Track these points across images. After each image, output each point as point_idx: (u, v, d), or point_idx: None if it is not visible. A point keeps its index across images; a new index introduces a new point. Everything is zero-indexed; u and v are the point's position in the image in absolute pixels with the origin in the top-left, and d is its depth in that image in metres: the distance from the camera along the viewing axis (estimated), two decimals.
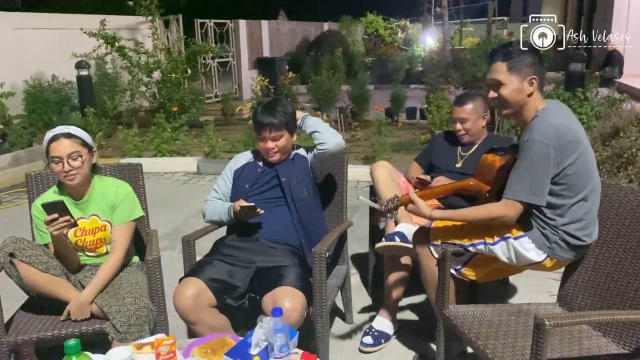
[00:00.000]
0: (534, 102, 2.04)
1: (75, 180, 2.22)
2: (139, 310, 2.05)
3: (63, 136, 2.20)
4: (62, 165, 2.18)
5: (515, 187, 1.96)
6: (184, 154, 6.40)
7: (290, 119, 2.44)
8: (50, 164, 2.21)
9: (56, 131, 2.23)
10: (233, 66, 12.96)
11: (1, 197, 5.35)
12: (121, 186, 2.37)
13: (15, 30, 7.87)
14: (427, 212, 2.11)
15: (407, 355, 2.51)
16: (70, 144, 2.20)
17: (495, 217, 2.01)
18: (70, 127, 2.26)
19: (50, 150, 2.20)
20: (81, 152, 2.21)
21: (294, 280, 2.15)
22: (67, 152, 2.18)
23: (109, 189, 2.33)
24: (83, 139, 2.25)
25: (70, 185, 2.24)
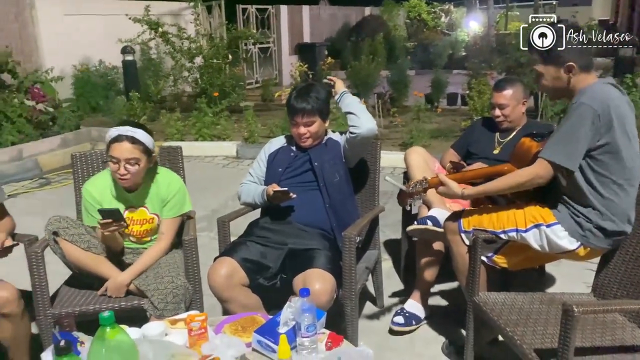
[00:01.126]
0: (581, 83, 2.00)
1: (127, 183, 2.25)
2: (176, 289, 2.13)
3: (127, 139, 2.18)
4: (118, 167, 2.19)
5: (552, 148, 1.93)
6: (224, 138, 6.52)
7: (323, 105, 2.46)
8: (108, 161, 2.22)
9: (122, 131, 2.20)
10: (274, 52, 13.02)
11: (50, 177, 5.59)
12: (174, 181, 2.38)
13: (65, 17, 8.13)
14: (459, 191, 2.09)
15: (436, 340, 2.51)
16: (132, 150, 2.18)
17: (527, 180, 1.98)
18: (137, 131, 2.21)
19: (111, 149, 2.20)
20: (140, 160, 2.21)
21: (325, 263, 2.19)
22: (127, 157, 2.18)
23: (162, 183, 2.35)
24: (146, 145, 2.22)
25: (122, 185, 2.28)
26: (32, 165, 5.74)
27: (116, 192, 2.32)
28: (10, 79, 6.33)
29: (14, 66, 6.26)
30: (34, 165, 5.74)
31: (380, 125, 6.70)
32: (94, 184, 2.33)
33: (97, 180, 2.36)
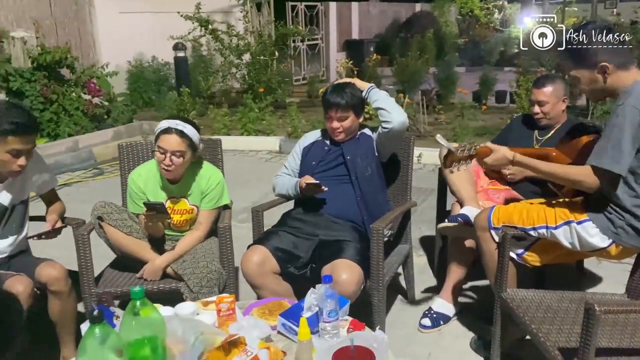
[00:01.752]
0: (621, 81, 1.95)
1: (171, 175, 2.37)
2: (211, 273, 2.23)
3: (176, 132, 2.30)
4: (164, 158, 2.31)
5: (599, 154, 1.89)
6: (268, 133, 6.65)
7: (357, 101, 2.51)
8: (155, 151, 2.34)
9: (172, 124, 2.32)
10: (322, 48, 13.10)
11: (104, 168, 5.88)
12: (214, 174, 2.48)
13: (120, 14, 8.47)
14: (510, 155, 2.05)
15: (465, 336, 2.52)
16: (179, 142, 2.30)
17: (575, 181, 1.95)
18: (186, 126, 2.33)
19: (160, 140, 2.32)
20: (185, 153, 2.32)
21: (353, 254, 2.24)
22: (173, 149, 2.30)
23: (203, 177, 2.46)
24: (193, 140, 2.33)
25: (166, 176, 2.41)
26: (87, 155, 6.04)
27: (160, 182, 2.45)
28: (69, 74, 6.66)
29: (73, 62, 6.58)
30: (88, 156, 6.05)
31: (424, 122, 6.67)
32: (139, 174, 2.47)
33: (142, 170, 2.49)
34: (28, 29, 6.78)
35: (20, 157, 2.03)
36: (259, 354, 1.53)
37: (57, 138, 6.19)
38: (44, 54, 6.30)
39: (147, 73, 8.59)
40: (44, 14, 7.58)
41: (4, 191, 2.15)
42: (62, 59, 6.42)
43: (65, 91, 6.42)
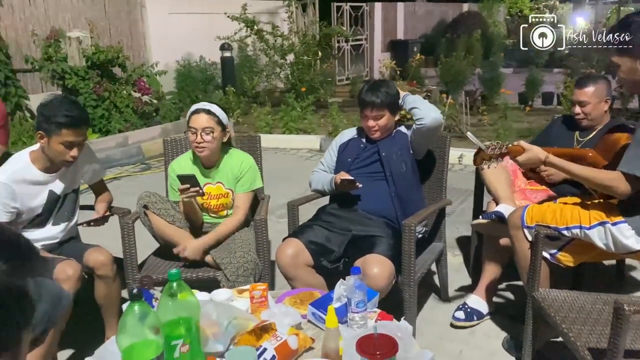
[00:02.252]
0: None
1: (204, 153, 2.51)
2: (247, 263, 2.32)
3: (203, 111, 2.49)
4: (196, 136, 2.48)
5: (629, 160, 1.87)
6: (309, 132, 6.73)
7: (393, 100, 2.54)
8: (187, 132, 2.53)
9: (199, 105, 2.53)
10: (366, 49, 13.12)
11: (151, 163, 6.10)
12: (245, 159, 2.63)
13: (170, 15, 8.75)
14: (543, 155, 2.04)
15: (497, 336, 2.52)
16: (208, 120, 2.48)
17: (606, 186, 1.93)
18: (212, 106, 2.53)
19: (190, 121, 2.51)
20: (214, 129, 2.48)
21: (385, 250, 2.28)
22: (203, 126, 2.46)
23: (235, 161, 2.60)
24: (219, 117, 2.51)
25: (200, 156, 2.55)
26: (136, 151, 6.28)
27: (197, 169, 2.57)
28: (121, 73, 6.93)
29: (124, 61, 6.85)
30: (137, 152, 6.28)
31: (467, 123, 6.61)
32: (178, 163, 2.61)
33: (181, 160, 2.64)
34: (83, 29, 7.10)
35: (73, 148, 2.17)
36: (288, 340, 1.59)
37: (108, 134, 6.47)
38: (97, 53, 6.59)
39: (194, 72, 8.83)
40: (99, 14, 7.91)
41: (57, 180, 2.30)
42: (114, 58, 6.69)
43: (117, 89, 6.70)
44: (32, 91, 6.92)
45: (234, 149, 2.68)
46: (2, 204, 2.16)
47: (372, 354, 1.31)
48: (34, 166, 2.23)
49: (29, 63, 6.43)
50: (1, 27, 6.84)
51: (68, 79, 6.40)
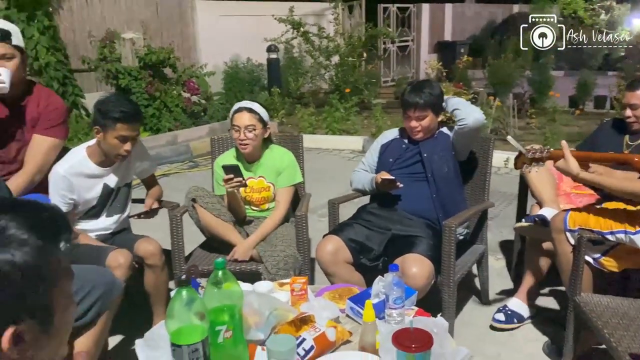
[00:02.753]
0: None
1: (247, 149, 2.61)
2: (287, 257, 2.39)
3: (246, 110, 2.60)
4: (239, 134, 2.59)
5: None
6: (352, 133, 6.77)
7: (436, 100, 2.55)
8: (231, 129, 2.64)
9: (242, 104, 2.65)
10: (412, 50, 13.04)
11: (199, 161, 6.28)
12: (286, 154, 2.72)
13: (220, 17, 8.97)
14: (575, 171, 2.02)
15: (537, 340, 2.49)
16: (250, 118, 2.58)
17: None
18: (254, 104, 2.64)
19: (234, 119, 2.62)
20: (256, 127, 2.58)
21: (425, 249, 2.30)
22: (245, 124, 2.57)
23: (277, 157, 2.70)
24: (261, 115, 2.62)
25: (243, 152, 2.64)
26: (185, 149, 6.47)
27: (240, 164, 2.66)
28: (171, 73, 7.16)
29: (175, 62, 7.08)
30: (186, 150, 6.48)
31: (514, 126, 6.50)
32: (223, 159, 2.73)
33: (225, 156, 2.75)
34: (137, 31, 7.38)
35: (126, 142, 2.29)
36: (326, 332, 1.64)
37: (159, 132, 6.69)
38: (149, 54, 6.83)
39: (241, 74, 9.00)
40: (152, 17, 8.20)
41: (111, 174, 2.43)
42: (165, 59, 6.93)
43: (167, 89, 6.93)
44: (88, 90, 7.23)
45: (275, 144, 2.77)
46: (60, 196, 2.30)
47: (407, 347, 1.35)
48: (90, 160, 2.37)
49: (85, 63, 6.73)
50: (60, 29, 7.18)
51: (121, 78, 6.66)
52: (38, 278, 0.77)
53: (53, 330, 0.81)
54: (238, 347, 1.49)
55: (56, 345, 0.84)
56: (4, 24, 2.31)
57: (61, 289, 0.82)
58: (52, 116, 2.43)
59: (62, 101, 2.59)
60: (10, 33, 2.27)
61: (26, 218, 0.78)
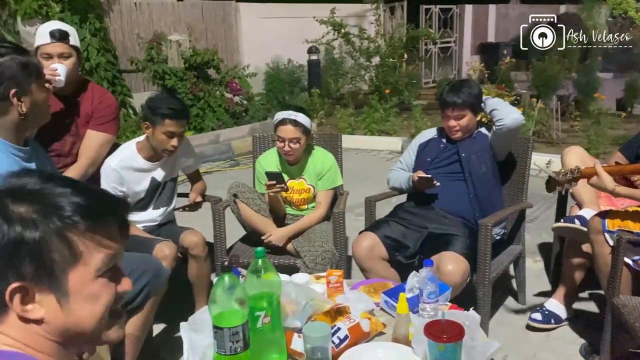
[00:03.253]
0: None
1: (291, 158, 2.68)
2: (325, 253, 2.45)
3: (290, 122, 2.60)
4: (284, 145, 2.63)
5: None
6: (391, 134, 6.79)
7: (474, 100, 2.56)
8: (275, 140, 2.69)
9: (286, 115, 2.62)
10: (454, 51, 12.92)
11: (239, 160, 6.43)
12: (327, 158, 2.76)
13: (261, 19, 9.13)
14: (611, 186, 2.04)
15: (574, 342, 2.47)
16: (294, 131, 2.60)
17: None
18: (298, 115, 2.61)
19: (278, 130, 2.65)
20: (300, 139, 2.62)
21: (461, 248, 2.32)
22: (290, 136, 2.60)
23: (318, 160, 2.75)
24: (305, 126, 2.62)
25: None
26: (226, 148, 6.64)
27: (281, 165, 2.75)
28: (215, 74, 7.35)
29: (219, 63, 7.26)
30: (227, 149, 6.64)
31: (558, 129, 6.39)
32: (265, 158, 2.79)
33: (267, 155, 2.82)
34: (182, 33, 7.60)
35: (174, 138, 2.40)
36: (361, 322, 1.69)
37: (202, 131, 6.88)
38: (194, 55, 7.03)
39: (282, 75, 9.13)
40: (197, 19, 8.42)
41: (158, 169, 2.55)
42: (210, 60, 7.11)
43: (211, 89, 7.11)
44: (135, 90, 7.49)
45: (317, 147, 2.82)
46: (111, 188, 2.43)
47: (438, 337, 1.39)
48: (140, 155, 2.49)
49: (134, 64, 6.99)
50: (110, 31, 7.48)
51: (167, 79, 6.88)
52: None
53: (67, 306, 0.84)
54: (276, 333, 1.56)
55: (77, 324, 0.85)
56: (63, 25, 2.46)
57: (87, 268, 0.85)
58: (105, 113, 2.56)
59: (115, 99, 2.73)
60: (68, 34, 2.42)
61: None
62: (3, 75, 1.62)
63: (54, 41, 2.37)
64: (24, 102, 1.67)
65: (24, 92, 1.66)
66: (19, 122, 1.69)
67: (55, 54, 2.35)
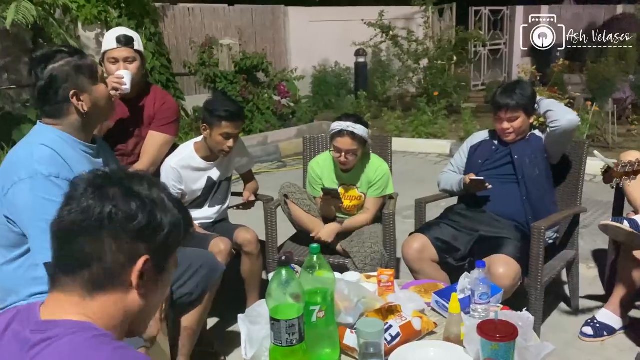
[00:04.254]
0: None
1: (345, 167, 2.71)
2: (374, 254, 2.49)
3: (348, 135, 2.57)
4: (340, 155, 2.64)
5: None
6: (439, 136, 6.74)
7: (528, 102, 2.53)
8: (332, 150, 2.69)
9: (344, 126, 2.58)
10: (504, 54, 12.68)
11: (287, 161, 6.53)
12: (381, 166, 2.76)
13: (310, 23, 9.23)
14: None
15: (631, 350, 2.41)
16: (352, 143, 2.59)
17: None
18: (357, 127, 2.58)
19: (335, 141, 2.62)
20: (357, 151, 2.63)
21: (512, 251, 2.31)
22: (347, 148, 2.60)
23: (371, 168, 2.74)
24: (364, 138, 2.61)
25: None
26: (274, 150, 6.75)
27: (334, 170, 2.78)
28: (264, 77, 7.49)
29: (268, 66, 7.40)
30: (275, 150, 6.75)
31: (614, 133, 6.19)
32: (318, 162, 2.83)
33: (320, 159, 2.85)
34: (233, 37, 7.78)
35: (230, 139, 2.49)
36: (412, 321, 1.72)
37: (251, 133, 7.02)
38: (244, 59, 7.20)
39: (329, 77, 9.20)
40: (247, 23, 8.60)
41: (214, 168, 2.65)
42: (259, 64, 7.26)
43: (260, 92, 7.26)
44: (187, 93, 7.72)
45: (373, 155, 2.81)
46: (170, 186, 2.53)
47: (492, 336, 1.40)
48: (197, 155, 2.59)
49: (187, 68, 7.20)
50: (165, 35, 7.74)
51: (219, 82, 7.07)
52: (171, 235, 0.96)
53: (161, 284, 0.98)
54: (329, 328, 1.61)
55: (154, 306, 0.99)
56: (128, 31, 2.59)
57: (175, 258, 1.00)
58: (166, 115, 2.68)
59: (175, 102, 2.84)
60: (133, 39, 2.55)
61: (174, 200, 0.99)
62: (59, 79, 1.71)
63: (120, 46, 2.49)
64: (84, 101, 1.75)
65: (82, 92, 1.74)
66: (83, 120, 1.79)
67: (121, 58, 2.48)
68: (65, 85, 1.73)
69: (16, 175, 1.62)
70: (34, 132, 1.79)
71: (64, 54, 1.76)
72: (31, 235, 1.62)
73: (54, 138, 1.74)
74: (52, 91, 1.73)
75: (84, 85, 1.76)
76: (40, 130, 1.78)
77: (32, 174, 1.62)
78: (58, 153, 1.70)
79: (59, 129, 1.76)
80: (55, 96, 1.73)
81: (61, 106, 1.75)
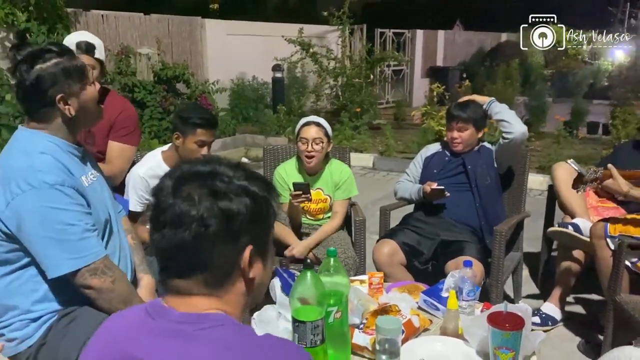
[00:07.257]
0: None
1: (312, 162, 2.77)
2: (347, 259, 2.57)
3: (314, 124, 2.78)
4: (307, 146, 2.75)
5: None
6: (361, 150, 7.00)
7: (479, 117, 2.78)
8: (298, 142, 2.78)
9: (310, 119, 2.84)
10: (406, 74, 13.42)
11: None
12: (344, 170, 2.89)
13: (227, 36, 9.19)
14: (624, 189, 2.28)
15: (572, 339, 2.70)
16: (317, 131, 2.75)
17: None
18: (321, 119, 2.84)
19: (301, 132, 2.78)
20: (322, 140, 2.76)
21: (474, 253, 2.51)
22: (313, 136, 2.73)
23: (335, 171, 2.86)
24: (327, 130, 2.79)
25: (308, 166, 2.80)
26: None
27: (300, 175, 2.84)
28: (185, 88, 7.34)
29: (189, 77, 7.26)
30: None
31: None
32: (284, 168, 2.88)
33: (286, 165, 2.92)
34: (151, 47, 7.54)
35: (204, 147, 2.46)
36: (412, 319, 1.82)
37: None
38: (165, 69, 7.01)
39: (247, 91, 9.20)
40: (163, 33, 8.36)
41: None
42: (180, 74, 7.11)
43: (180, 103, 7.09)
44: None
45: (334, 159, 2.94)
46: (138, 196, 2.46)
47: (503, 326, 1.54)
48: (165, 164, 2.53)
49: None
50: None
51: (137, 92, 6.82)
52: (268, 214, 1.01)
53: (269, 258, 1.04)
54: (344, 328, 1.67)
55: (267, 278, 1.06)
56: (91, 37, 2.49)
57: (273, 232, 1.06)
58: (126, 124, 2.59)
59: (134, 109, 2.75)
60: (94, 46, 2.45)
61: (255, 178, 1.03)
62: (47, 82, 1.62)
63: (80, 53, 2.38)
64: (71, 104, 1.67)
65: (69, 96, 1.66)
66: (70, 123, 1.71)
67: None
68: (52, 89, 1.64)
69: (18, 188, 1.52)
70: (23, 138, 1.68)
71: (53, 53, 1.66)
72: (39, 248, 1.53)
73: (47, 144, 1.65)
74: (38, 94, 1.64)
75: (71, 89, 1.67)
76: (28, 136, 1.68)
77: (37, 185, 1.53)
78: (57, 159, 1.62)
79: (47, 133, 1.68)
80: (41, 99, 1.64)
81: (47, 110, 1.66)
